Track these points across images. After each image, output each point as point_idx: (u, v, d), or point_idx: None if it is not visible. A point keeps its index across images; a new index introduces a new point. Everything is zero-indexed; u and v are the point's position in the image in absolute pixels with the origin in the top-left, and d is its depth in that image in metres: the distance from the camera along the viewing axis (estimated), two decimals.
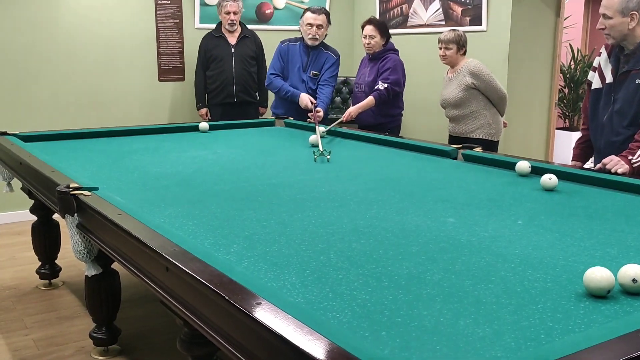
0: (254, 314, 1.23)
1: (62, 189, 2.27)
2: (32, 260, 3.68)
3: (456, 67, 4.08)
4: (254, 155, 3.27)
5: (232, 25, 4.84)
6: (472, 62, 4.03)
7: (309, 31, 4.34)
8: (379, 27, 4.29)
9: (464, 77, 3.99)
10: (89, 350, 2.76)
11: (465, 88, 3.99)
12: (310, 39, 4.35)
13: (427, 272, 1.57)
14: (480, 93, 4.01)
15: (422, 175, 2.80)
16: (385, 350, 1.17)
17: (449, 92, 4.08)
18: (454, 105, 4.07)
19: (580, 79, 7.46)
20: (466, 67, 4.00)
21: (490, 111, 4.05)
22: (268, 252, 1.73)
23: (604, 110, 2.87)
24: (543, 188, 2.45)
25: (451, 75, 4.11)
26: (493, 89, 4.00)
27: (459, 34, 4.03)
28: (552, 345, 1.16)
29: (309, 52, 4.43)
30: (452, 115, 4.13)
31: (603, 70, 2.89)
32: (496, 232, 1.91)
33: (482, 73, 3.97)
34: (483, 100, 4.03)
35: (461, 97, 4.01)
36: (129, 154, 3.21)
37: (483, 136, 4.04)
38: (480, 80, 3.96)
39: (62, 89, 4.89)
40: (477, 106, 4.02)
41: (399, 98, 4.43)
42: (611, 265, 1.47)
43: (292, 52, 4.45)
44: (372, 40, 4.28)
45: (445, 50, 4.03)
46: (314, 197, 2.36)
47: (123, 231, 1.85)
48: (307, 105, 4.31)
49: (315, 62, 4.44)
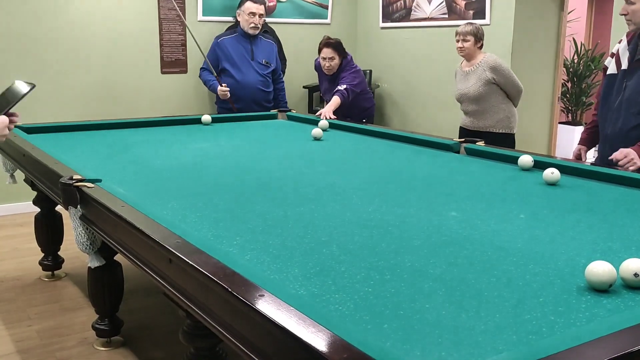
0: (256, 306, 1.23)
1: (66, 181, 2.28)
2: (35, 251, 3.69)
3: (473, 60, 4.04)
4: (256, 148, 3.27)
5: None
6: (490, 56, 4.01)
7: (251, 20, 4.40)
8: (337, 49, 4.43)
9: (483, 72, 3.96)
10: (92, 342, 2.77)
11: (486, 83, 3.97)
12: (252, 27, 4.40)
13: (429, 265, 1.58)
14: (499, 87, 4.00)
15: (425, 169, 2.81)
16: (387, 343, 1.17)
17: (468, 86, 4.04)
18: (473, 100, 4.04)
19: (584, 73, 7.44)
20: (485, 62, 3.98)
21: (507, 104, 4.06)
22: (270, 244, 1.73)
23: (615, 97, 2.86)
24: (545, 182, 2.44)
25: (468, 69, 4.07)
26: (512, 83, 4.00)
27: (476, 27, 4.00)
28: (554, 339, 1.16)
29: (249, 41, 4.45)
30: (470, 109, 4.10)
31: (620, 56, 2.88)
32: (498, 226, 1.91)
33: (502, 68, 3.97)
34: (501, 94, 4.03)
35: (481, 92, 3.99)
36: (132, 146, 3.21)
37: (502, 130, 4.05)
38: (500, 75, 3.96)
39: (65, 81, 4.88)
40: (496, 100, 4.02)
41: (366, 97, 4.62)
42: (613, 259, 1.47)
43: (228, 46, 4.50)
44: (331, 62, 4.44)
45: (463, 42, 3.99)
46: (317, 190, 2.36)
47: (126, 223, 1.86)
48: (225, 95, 4.44)
49: (261, 49, 4.52)
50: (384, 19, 5.81)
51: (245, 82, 4.48)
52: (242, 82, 4.47)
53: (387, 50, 5.84)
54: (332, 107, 4.20)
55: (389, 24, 5.77)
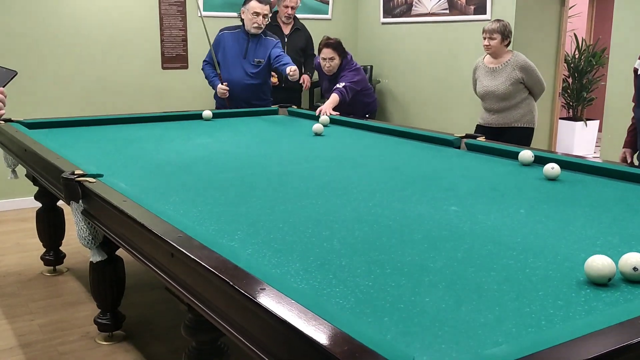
0: (258, 299, 1.24)
1: (68, 176, 2.28)
2: (36, 246, 3.71)
3: (500, 58, 4.03)
4: (257, 144, 3.28)
5: (288, 18, 5.17)
6: (520, 56, 4.01)
7: (254, 20, 4.35)
8: (337, 49, 4.41)
9: (512, 71, 3.96)
10: (94, 336, 2.79)
11: (515, 82, 3.97)
12: (255, 27, 4.37)
13: (429, 259, 1.59)
14: (524, 85, 4.01)
15: (425, 164, 2.81)
16: (388, 335, 1.18)
17: (497, 84, 4.02)
18: (502, 98, 4.02)
19: (585, 69, 7.43)
20: (515, 62, 3.97)
21: (530, 99, 4.08)
22: (272, 239, 1.74)
23: None
24: (546, 177, 2.45)
25: (494, 67, 4.05)
26: (539, 82, 4.02)
27: (504, 24, 3.98)
28: (553, 331, 1.17)
29: (248, 39, 4.45)
30: (495, 107, 4.07)
31: None
32: (498, 220, 1.92)
33: (532, 69, 3.98)
34: (525, 91, 4.04)
35: (510, 90, 3.98)
36: (133, 142, 3.22)
37: (526, 124, 4.06)
38: (529, 75, 3.97)
39: (65, 76, 4.89)
40: (521, 97, 4.03)
41: (367, 93, 4.60)
42: (612, 253, 1.48)
43: (227, 41, 4.47)
44: (331, 62, 4.43)
45: (490, 40, 3.97)
46: (317, 185, 2.37)
47: (128, 218, 1.87)
48: (223, 93, 4.42)
49: (257, 49, 4.47)
50: (385, 15, 5.81)
51: (230, 79, 4.46)
52: (228, 79, 4.45)
53: (388, 45, 5.84)
54: (330, 105, 4.19)
55: (390, 19, 5.77)
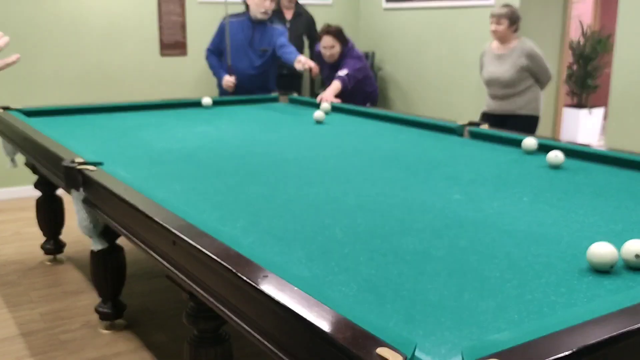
0: (260, 286, 1.24)
1: (68, 164, 2.28)
2: (36, 235, 3.71)
3: (507, 44, 3.99)
4: (258, 131, 3.26)
5: (290, 2, 5.22)
6: (527, 42, 3.96)
7: (262, 4, 4.29)
8: (337, 37, 4.38)
9: (519, 58, 3.92)
10: (95, 325, 2.79)
11: (520, 69, 3.94)
12: (262, 13, 4.32)
13: (432, 247, 1.58)
14: (530, 72, 3.98)
15: (428, 152, 2.80)
16: (390, 322, 1.18)
17: (502, 71, 3.99)
18: (506, 85, 4.00)
19: (590, 55, 7.34)
20: (521, 48, 3.93)
21: (535, 87, 4.04)
22: (274, 227, 1.74)
23: None
24: (549, 165, 2.44)
25: (500, 53, 4.01)
26: (545, 70, 3.99)
27: (511, 9, 3.93)
28: (555, 318, 1.17)
29: (254, 27, 4.40)
30: (500, 93, 4.04)
31: None
32: (501, 208, 1.91)
33: (538, 56, 3.94)
34: (530, 79, 4.00)
35: (515, 77, 3.95)
36: (133, 129, 3.21)
37: (530, 112, 4.03)
38: (535, 62, 3.93)
39: (64, 63, 4.86)
40: (526, 85, 3.99)
41: (368, 82, 4.57)
42: (615, 241, 1.48)
43: (233, 28, 4.41)
44: (332, 50, 4.40)
45: (497, 26, 3.92)
46: (319, 173, 2.36)
47: (130, 206, 1.86)
48: (229, 86, 4.37)
49: (262, 37, 4.42)
50: (388, 0, 5.76)
51: (235, 69, 4.43)
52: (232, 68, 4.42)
53: (390, 31, 5.80)
54: (332, 92, 4.17)
55: (393, 4, 5.72)
